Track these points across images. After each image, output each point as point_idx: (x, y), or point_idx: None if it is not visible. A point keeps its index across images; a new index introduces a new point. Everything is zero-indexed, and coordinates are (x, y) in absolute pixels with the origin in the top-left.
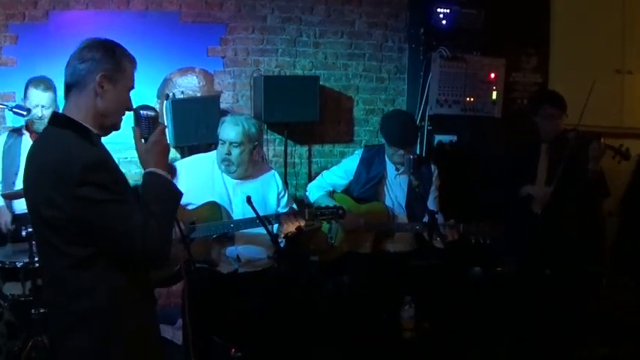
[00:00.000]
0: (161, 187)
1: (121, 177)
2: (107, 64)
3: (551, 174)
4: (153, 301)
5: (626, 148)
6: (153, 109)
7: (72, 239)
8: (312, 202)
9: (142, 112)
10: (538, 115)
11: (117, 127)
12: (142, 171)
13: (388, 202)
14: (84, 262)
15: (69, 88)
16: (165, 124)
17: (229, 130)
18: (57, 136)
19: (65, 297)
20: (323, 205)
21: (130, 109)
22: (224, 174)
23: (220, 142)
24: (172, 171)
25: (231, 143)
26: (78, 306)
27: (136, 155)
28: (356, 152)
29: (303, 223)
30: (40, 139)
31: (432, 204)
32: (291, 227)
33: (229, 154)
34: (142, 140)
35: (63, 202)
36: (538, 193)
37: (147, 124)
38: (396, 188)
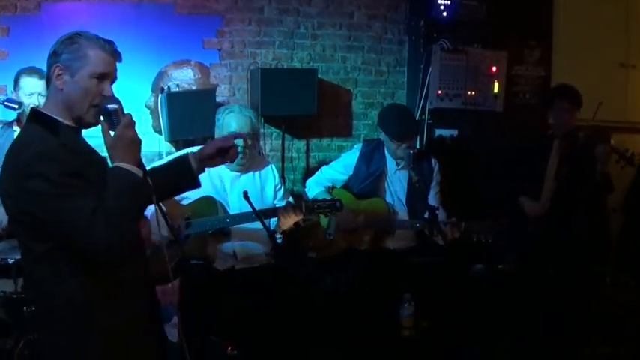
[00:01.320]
0: (120, 182)
1: (76, 168)
2: (65, 55)
3: (560, 170)
4: (139, 298)
5: (632, 153)
6: (116, 100)
7: (31, 233)
8: (310, 197)
9: (106, 105)
10: (551, 109)
11: (87, 119)
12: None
13: (388, 198)
14: (45, 256)
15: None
16: (160, 118)
17: (241, 122)
18: (24, 130)
19: (33, 291)
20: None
21: (96, 98)
22: (223, 167)
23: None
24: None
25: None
26: (46, 301)
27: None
28: (355, 147)
29: (300, 217)
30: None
31: (433, 200)
32: (289, 221)
33: (246, 146)
34: (111, 134)
35: (15, 194)
36: (531, 209)
37: (113, 118)
38: (396, 183)
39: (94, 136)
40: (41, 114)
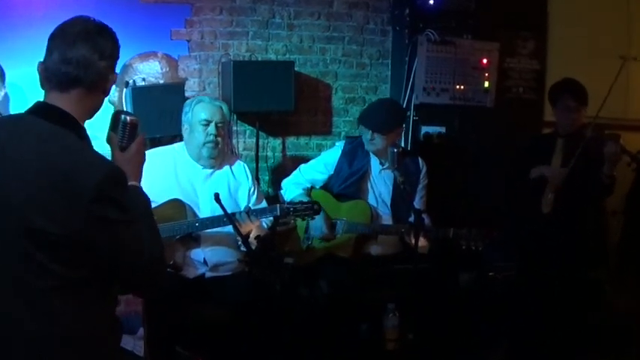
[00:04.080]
0: (146, 204)
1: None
2: (116, 62)
3: (564, 166)
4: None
5: None
6: (133, 114)
7: (63, 258)
8: (288, 200)
9: (123, 116)
10: (555, 107)
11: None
12: None
13: (372, 200)
14: (73, 284)
15: (75, 82)
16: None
17: (213, 110)
18: (58, 135)
19: (46, 320)
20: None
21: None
22: (193, 165)
23: (201, 122)
24: None
25: (217, 123)
26: (62, 331)
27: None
28: (337, 144)
29: (257, 223)
30: (26, 134)
31: (417, 204)
32: (244, 229)
33: (218, 134)
34: (119, 148)
35: (67, 216)
36: (553, 173)
37: (127, 131)
38: (380, 184)
39: None
40: (73, 120)
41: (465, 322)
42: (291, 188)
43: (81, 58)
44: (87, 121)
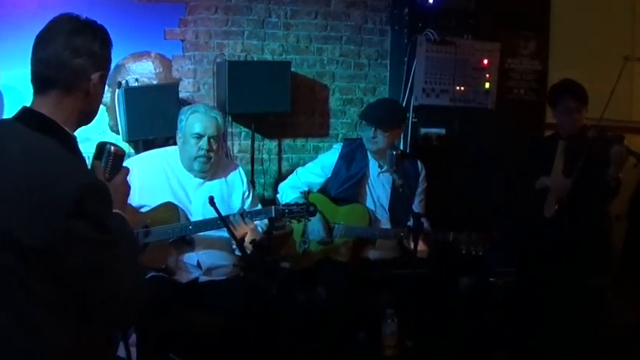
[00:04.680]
0: (131, 235)
1: (111, 203)
2: (103, 60)
3: (567, 174)
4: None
5: None
6: (119, 146)
7: (41, 272)
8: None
9: (109, 146)
10: (556, 108)
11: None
12: None
13: (370, 204)
14: (59, 300)
15: (50, 83)
16: (117, 116)
17: (207, 123)
18: (37, 142)
19: (34, 336)
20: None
21: None
22: (185, 174)
23: (194, 136)
24: None
25: (210, 137)
26: (50, 348)
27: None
28: (334, 146)
29: (251, 226)
30: (8, 141)
31: (416, 208)
32: (239, 232)
33: (211, 149)
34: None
35: (41, 228)
36: (556, 184)
37: (112, 161)
38: (378, 188)
39: None
40: (57, 126)
41: (465, 328)
42: (288, 192)
43: (53, 58)
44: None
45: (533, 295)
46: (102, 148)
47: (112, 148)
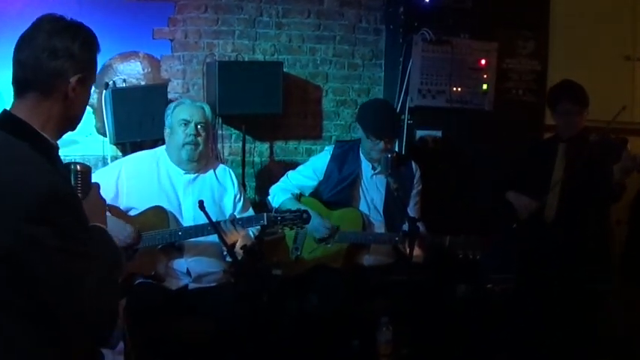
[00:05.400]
0: (110, 248)
1: (84, 214)
2: (84, 63)
3: (567, 178)
4: None
5: None
6: (84, 163)
7: (5, 279)
8: (275, 207)
9: (73, 165)
10: (555, 110)
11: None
12: None
13: (363, 207)
14: (31, 311)
15: (27, 86)
16: (104, 117)
17: (193, 111)
18: (9, 146)
19: (7, 351)
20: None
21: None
22: (174, 168)
23: (180, 123)
24: None
25: (197, 124)
26: None
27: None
28: (326, 149)
29: (242, 233)
30: None
31: (411, 212)
32: (230, 239)
33: (198, 134)
34: None
35: (5, 234)
36: (520, 203)
37: (80, 180)
38: (372, 190)
39: None
40: (32, 130)
41: (462, 336)
42: (279, 194)
43: (30, 59)
44: None
45: (532, 300)
46: (67, 169)
47: (78, 166)
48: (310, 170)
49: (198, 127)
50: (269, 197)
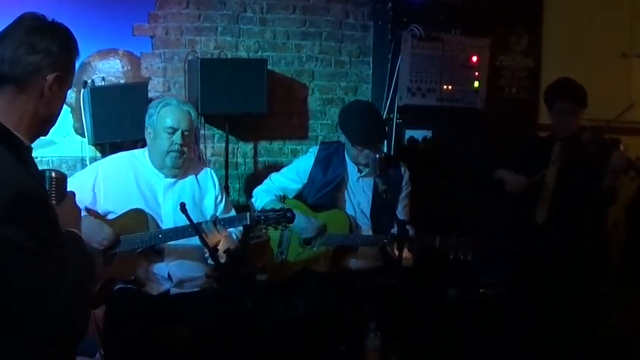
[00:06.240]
0: (82, 253)
1: (55, 215)
2: (62, 63)
3: (562, 177)
4: None
5: None
6: (58, 170)
7: None
8: (259, 209)
9: (48, 172)
10: (552, 109)
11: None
12: None
13: (350, 210)
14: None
15: (3, 79)
16: (83, 117)
17: (180, 117)
18: None
19: None
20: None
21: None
22: (154, 173)
23: (166, 130)
24: None
25: (184, 131)
26: None
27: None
28: (310, 150)
29: (224, 233)
30: None
31: (400, 214)
32: (212, 240)
33: (184, 144)
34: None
35: None
36: (511, 179)
37: (54, 187)
38: (358, 193)
39: None
40: (5, 130)
41: (453, 341)
42: (262, 196)
43: (7, 53)
44: None
45: (527, 303)
46: (41, 174)
47: (53, 173)
48: (294, 173)
49: (185, 134)
50: (252, 199)
